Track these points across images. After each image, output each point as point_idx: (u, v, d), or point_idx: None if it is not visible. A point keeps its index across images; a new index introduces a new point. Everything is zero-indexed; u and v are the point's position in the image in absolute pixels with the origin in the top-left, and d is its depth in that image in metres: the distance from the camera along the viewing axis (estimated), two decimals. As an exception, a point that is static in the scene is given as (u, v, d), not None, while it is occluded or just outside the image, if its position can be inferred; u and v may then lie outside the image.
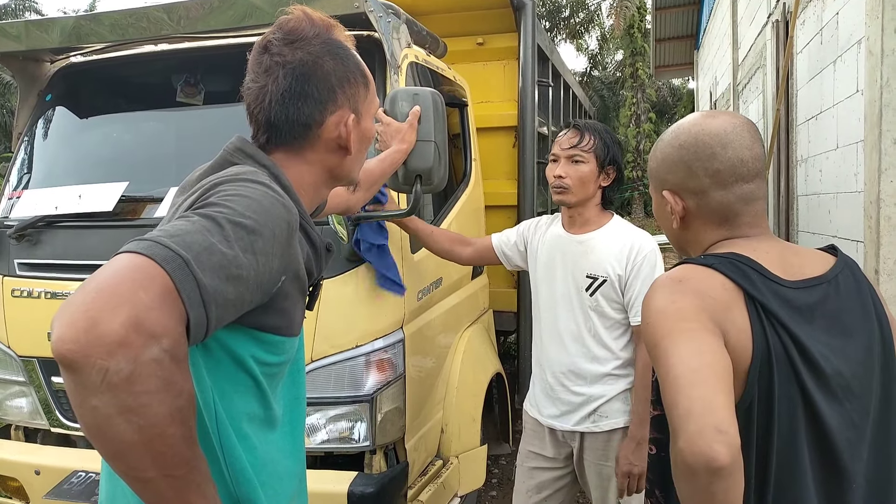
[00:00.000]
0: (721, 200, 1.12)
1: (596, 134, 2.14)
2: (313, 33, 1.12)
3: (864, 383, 1.07)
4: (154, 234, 0.83)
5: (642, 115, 22.84)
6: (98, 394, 0.72)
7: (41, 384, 2.45)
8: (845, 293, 1.10)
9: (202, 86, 2.50)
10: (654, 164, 1.21)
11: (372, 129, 1.25)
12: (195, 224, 0.86)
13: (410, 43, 2.54)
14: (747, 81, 6.44)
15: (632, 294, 2.08)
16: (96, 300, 0.74)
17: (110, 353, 0.72)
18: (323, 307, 2.09)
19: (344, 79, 1.14)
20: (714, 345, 0.96)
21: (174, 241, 0.82)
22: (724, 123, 1.13)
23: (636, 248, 2.09)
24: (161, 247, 0.80)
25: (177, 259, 0.80)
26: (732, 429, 0.85)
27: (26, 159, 2.74)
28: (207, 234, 0.85)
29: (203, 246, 0.83)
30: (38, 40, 2.47)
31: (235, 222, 0.89)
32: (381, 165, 1.88)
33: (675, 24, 13.23)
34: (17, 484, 2.40)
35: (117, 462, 0.77)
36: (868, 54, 2.60)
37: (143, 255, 0.79)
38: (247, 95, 1.13)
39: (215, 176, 1.03)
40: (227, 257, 0.85)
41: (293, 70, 1.09)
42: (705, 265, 1.07)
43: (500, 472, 3.90)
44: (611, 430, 2.15)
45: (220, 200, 0.92)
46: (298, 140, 1.14)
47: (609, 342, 2.14)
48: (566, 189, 2.13)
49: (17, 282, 2.43)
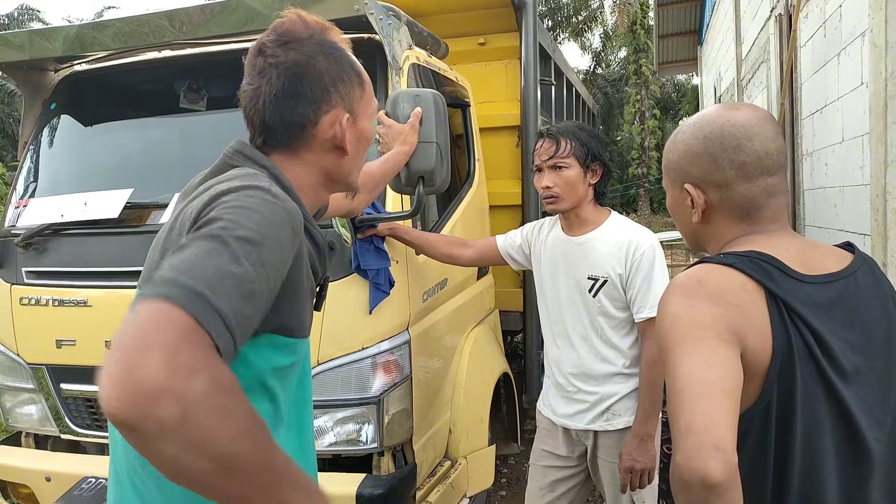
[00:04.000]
0: (745, 193, 1.11)
1: (571, 136, 2.13)
2: (307, 34, 1.12)
3: (883, 379, 1.07)
4: (165, 275, 0.82)
5: (647, 111, 22.77)
6: (161, 440, 0.74)
7: (50, 391, 2.47)
8: (864, 289, 1.10)
9: (205, 91, 2.51)
10: (675, 157, 1.18)
11: (370, 129, 1.24)
12: (201, 249, 0.86)
13: (412, 44, 2.54)
14: (751, 76, 6.41)
15: (633, 291, 2.08)
16: (128, 356, 0.75)
17: (157, 402, 0.73)
18: (329, 310, 2.11)
19: (338, 78, 1.14)
20: (725, 357, 0.95)
21: (186, 276, 0.82)
22: (748, 115, 1.12)
23: (634, 246, 2.09)
24: (176, 287, 0.80)
25: (193, 295, 0.80)
26: (731, 447, 0.86)
27: (32, 168, 2.76)
28: (216, 258, 0.85)
29: (215, 271, 0.83)
30: (41, 50, 2.48)
31: (240, 237, 0.88)
32: (384, 167, 1.88)
33: (677, 20, 13.18)
34: (28, 491, 2.42)
35: (210, 493, 0.79)
36: (872, 46, 2.58)
37: (161, 299, 0.79)
38: (243, 98, 1.14)
39: (214, 184, 1.03)
40: (239, 277, 0.85)
41: (286, 70, 1.09)
42: (725, 264, 1.06)
43: (509, 472, 3.90)
44: (624, 429, 2.14)
45: (222, 215, 0.91)
46: (294, 141, 1.14)
47: (617, 341, 2.14)
48: (557, 197, 2.13)
49: (25, 290, 2.44)
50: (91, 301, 2.33)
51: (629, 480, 2.08)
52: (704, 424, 0.87)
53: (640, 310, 2.07)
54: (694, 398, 0.90)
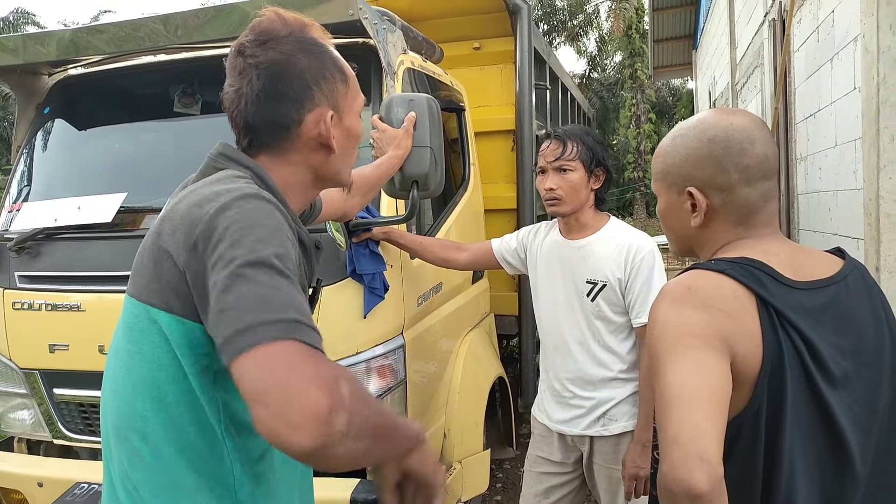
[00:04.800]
0: (746, 197, 1.11)
1: (577, 140, 2.13)
2: (286, 32, 1.11)
3: (872, 385, 1.07)
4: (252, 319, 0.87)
5: (642, 115, 22.83)
6: (341, 445, 0.84)
7: (43, 396, 2.46)
8: (855, 294, 1.10)
9: (199, 96, 2.50)
10: (677, 161, 1.16)
11: (357, 126, 1.22)
12: (258, 281, 0.90)
13: (406, 49, 2.54)
14: (746, 80, 6.44)
15: (632, 296, 2.08)
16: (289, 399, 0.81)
17: (333, 419, 0.82)
18: (323, 314, 2.10)
19: (319, 76, 1.13)
20: (714, 365, 0.95)
21: (273, 313, 0.87)
22: (747, 120, 1.13)
23: (634, 250, 2.09)
24: (273, 326, 0.86)
25: (293, 325, 0.88)
26: (716, 458, 0.87)
27: (26, 172, 2.75)
28: (277, 283, 0.91)
29: (284, 295, 0.90)
30: (35, 54, 2.47)
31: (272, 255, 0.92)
32: (377, 171, 1.88)
33: (672, 25, 13.24)
34: (20, 496, 2.40)
35: (368, 459, 0.94)
36: (864, 51, 2.60)
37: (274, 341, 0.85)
38: (226, 100, 1.12)
39: (198, 188, 1.03)
40: (292, 288, 0.93)
41: (265, 70, 1.08)
42: (717, 270, 1.06)
43: (504, 476, 3.89)
44: (620, 434, 2.14)
45: (240, 240, 0.93)
46: (279, 141, 1.13)
47: (614, 346, 2.13)
48: (559, 200, 2.13)
49: (17, 294, 2.43)
50: (84, 305, 2.31)
51: (633, 488, 2.06)
52: (690, 435, 0.88)
53: (639, 315, 2.06)
54: (681, 408, 0.90)
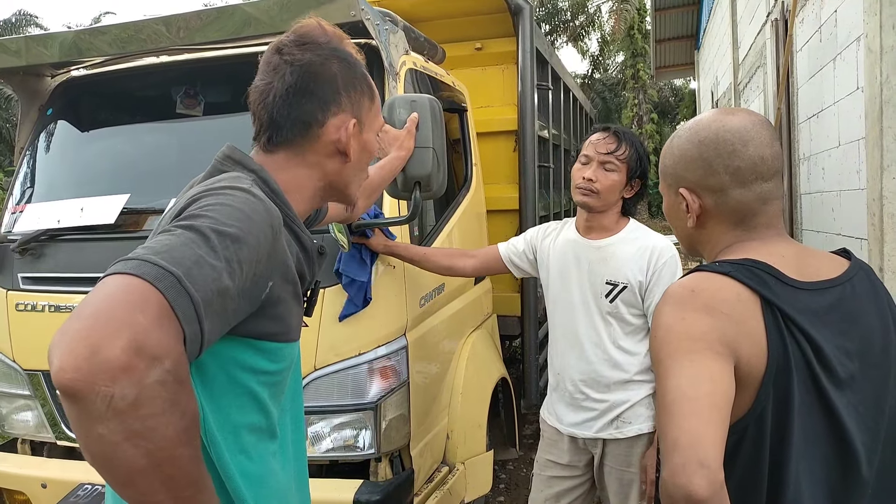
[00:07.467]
0: (740, 199, 1.10)
1: (631, 144, 2.12)
2: (325, 40, 1.15)
3: (878, 387, 1.06)
4: (141, 253, 0.82)
5: (644, 115, 22.81)
6: (104, 421, 0.72)
7: (46, 397, 2.46)
8: (861, 295, 1.09)
9: (202, 97, 2.51)
10: (671, 161, 1.18)
11: (374, 142, 1.25)
12: (180, 237, 0.85)
13: (408, 49, 2.54)
14: (748, 80, 6.42)
15: (652, 300, 2.05)
16: (94, 326, 0.72)
17: (114, 380, 0.71)
18: (325, 316, 2.10)
19: (350, 84, 1.16)
20: (715, 370, 0.95)
21: (162, 257, 0.80)
22: (743, 120, 1.11)
23: (657, 254, 2.07)
24: (151, 265, 0.79)
25: (168, 276, 0.78)
26: (716, 463, 0.87)
27: (28, 173, 2.75)
28: (194, 247, 0.84)
29: (192, 260, 0.82)
30: (37, 56, 2.48)
31: (220, 231, 0.88)
32: (380, 173, 1.88)
33: (674, 25, 13.22)
34: (23, 497, 2.41)
35: (127, 489, 0.76)
36: (867, 51, 2.59)
37: (134, 275, 0.77)
38: (252, 93, 1.15)
39: (198, 186, 1.04)
40: (217, 269, 0.84)
41: (300, 68, 1.11)
42: (721, 272, 1.05)
43: (507, 477, 3.89)
44: (634, 437, 2.11)
45: (203, 212, 0.91)
46: (298, 139, 1.14)
47: (630, 348, 2.11)
48: (594, 193, 2.10)
49: (21, 296, 2.44)
50: (87, 307, 2.32)
51: (653, 491, 2.04)
52: (690, 440, 0.88)
53: None
54: (681, 414, 0.90)
